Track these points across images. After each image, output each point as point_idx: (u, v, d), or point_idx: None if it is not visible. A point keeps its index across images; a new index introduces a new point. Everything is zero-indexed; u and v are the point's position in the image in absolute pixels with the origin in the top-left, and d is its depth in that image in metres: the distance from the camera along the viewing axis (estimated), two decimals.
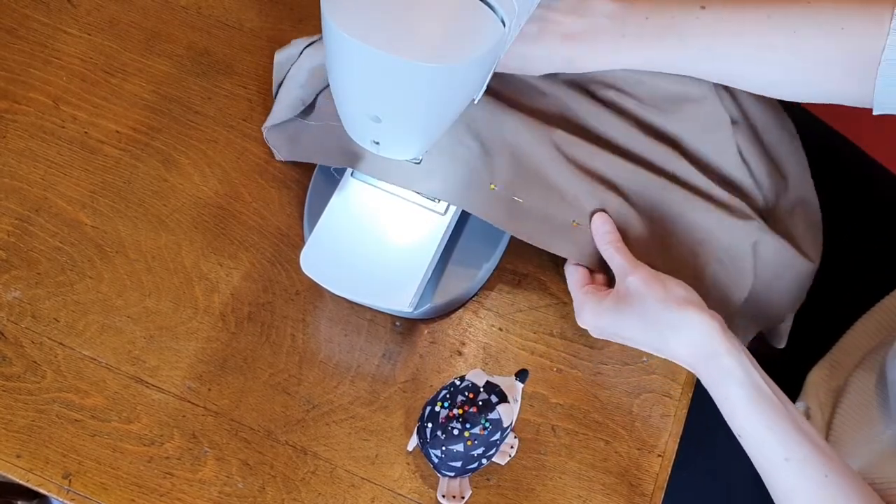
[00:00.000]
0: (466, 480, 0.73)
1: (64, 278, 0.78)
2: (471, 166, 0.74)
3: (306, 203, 0.80)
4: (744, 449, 0.66)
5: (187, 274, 0.79)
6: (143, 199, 0.81)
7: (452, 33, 0.58)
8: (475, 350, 0.78)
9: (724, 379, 0.65)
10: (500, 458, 0.74)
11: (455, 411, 0.68)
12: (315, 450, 0.74)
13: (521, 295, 0.80)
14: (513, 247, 0.80)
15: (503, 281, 0.80)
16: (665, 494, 0.75)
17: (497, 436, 0.69)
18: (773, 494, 0.65)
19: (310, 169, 0.82)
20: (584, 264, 0.74)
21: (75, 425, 0.74)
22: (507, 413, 0.69)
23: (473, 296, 0.80)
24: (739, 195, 0.76)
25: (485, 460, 0.70)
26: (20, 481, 0.72)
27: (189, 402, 0.75)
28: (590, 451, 0.76)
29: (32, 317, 0.77)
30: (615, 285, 0.70)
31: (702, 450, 0.81)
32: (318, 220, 0.76)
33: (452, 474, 0.71)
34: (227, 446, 0.74)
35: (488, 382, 0.70)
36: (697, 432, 0.78)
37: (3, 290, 0.78)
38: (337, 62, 0.61)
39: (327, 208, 0.76)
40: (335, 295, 0.76)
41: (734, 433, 0.66)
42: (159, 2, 0.89)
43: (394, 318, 0.79)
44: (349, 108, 0.66)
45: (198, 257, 0.79)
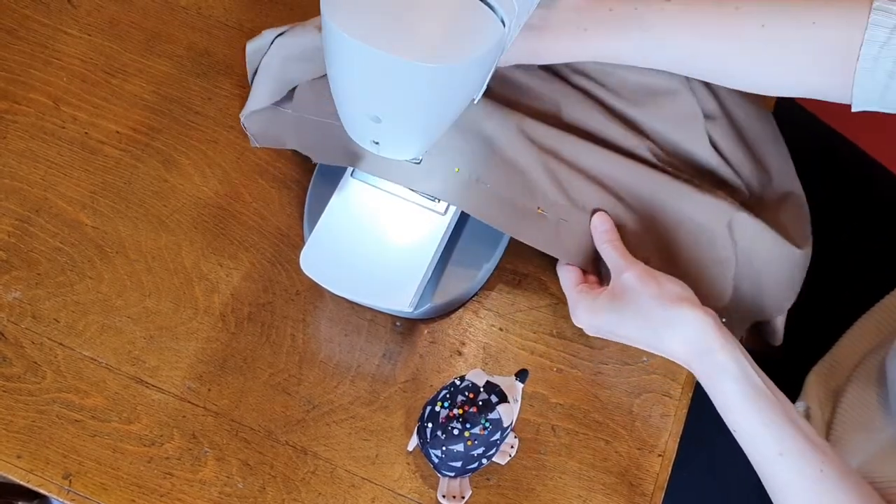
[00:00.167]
0: (466, 480, 0.73)
1: (64, 279, 0.78)
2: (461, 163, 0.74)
3: (306, 203, 0.80)
4: (739, 445, 0.66)
5: (187, 274, 0.79)
6: (144, 199, 0.81)
7: (452, 33, 0.58)
8: (475, 350, 0.78)
9: (719, 375, 0.65)
10: (500, 458, 0.74)
11: (455, 411, 0.68)
12: (315, 450, 0.74)
13: (521, 295, 0.80)
14: (513, 247, 0.80)
15: (503, 281, 0.80)
16: (665, 494, 0.75)
17: (497, 436, 0.69)
18: (768, 489, 0.65)
19: (310, 169, 0.82)
20: (574, 264, 0.74)
21: (75, 426, 0.74)
22: (507, 413, 0.69)
23: (473, 296, 0.80)
24: (715, 183, 0.76)
25: (485, 460, 0.70)
26: (20, 482, 0.72)
27: (189, 402, 0.75)
28: (590, 451, 0.76)
29: (32, 317, 0.77)
30: (610, 283, 0.70)
31: (702, 449, 0.81)
32: (317, 220, 0.76)
33: (452, 474, 0.71)
34: (227, 446, 0.74)
35: (488, 382, 0.70)
36: (697, 432, 0.78)
37: (3, 290, 0.78)
38: (337, 62, 0.61)
39: (327, 208, 0.76)
40: (335, 295, 0.76)
41: (730, 429, 0.66)
42: (160, 2, 0.89)
43: (394, 318, 0.79)
44: (349, 108, 0.66)
45: (198, 257, 0.80)
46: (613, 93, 0.77)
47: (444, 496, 0.72)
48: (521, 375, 0.71)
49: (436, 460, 0.70)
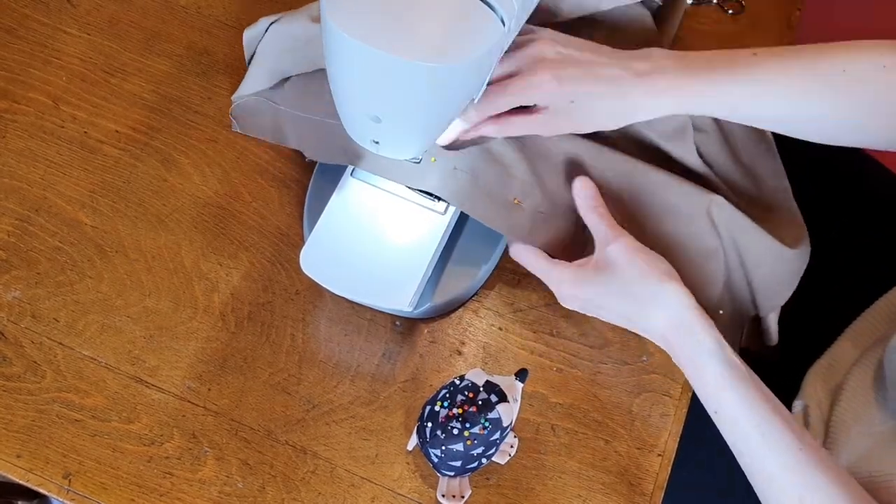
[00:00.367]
0: (466, 480, 0.73)
1: (64, 278, 0.78)
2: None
3: (306, 203, 0.80)
4: (717, 427, 0.66)
5: (187, 274, 0.79)
6: (143, 198, 0.81)
7: (452, 33, 0.58)
8: (475, 349, 0.78)
9: (700, 353, 0.65)
10: (499, 458, 0.74)
11: (455, 411, 0.68)
12: (315, 449, 0.74)
13: (521, 295, 0.80)
14: None
15: (503, 281, 0.80)
16: (665, 494, 0.75)
17: (497, 435, 0.69)
18: (746, 469, 0.65)
19: (309, 169, 0.82)
20: (552, 253, 0.74)
21: (75, 425, 0.74)
22: (506, 412, 0.69)
23: (473, 295, 0.80)
24: (703, 182, 0.76)
25: (484, 460, 0.70)
26: (20, 481, 0.72)
27: (189, 401, 0.75)
28: (589, 451, 0.76)
29: (32, 317, 0.77)
30: (595, 254, 0.70)
31: (702, 449, 0.81)
32: (317, 220, 0.76)
33: (452, 474, 0.71)
34: (226, 446, 0.74)
35: (488, 382, 0.70)
36: (697, 432, 0.78)
37: (3, 290, 0.78)
38: (337, 62, 0.61)
39: (327, 208, 0.76)
40: (335, 295, 0.76)
41: (708, 411, 0.66)
42: (159, 1, 0.89)
43: (394, 317, 0.79)
44: (349, 108, 0.66)
45: (198, 257, 0.80)
46: None
47: (443, 496, 0.72)
48: (521, 375, 0.71)
49: (435, 460, 0.70)
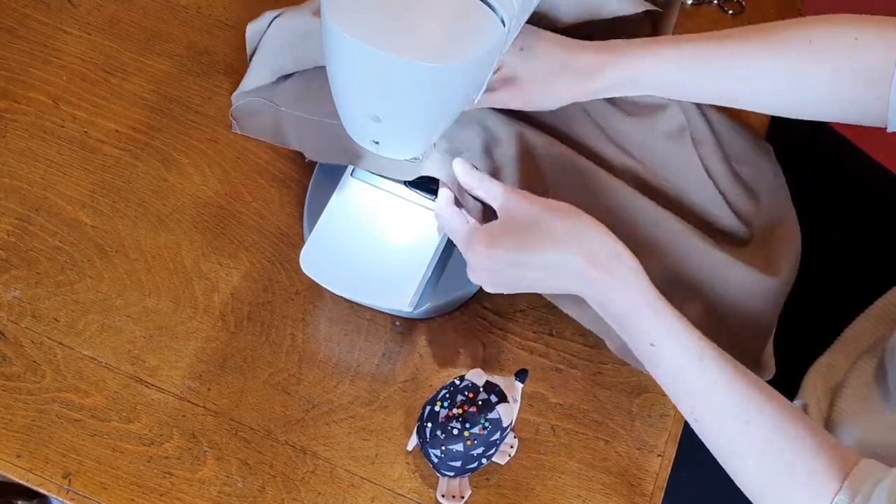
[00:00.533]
0: (466, 480, 0.73)
1: (64, 278, 0.78)
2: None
3: (306, 203, 0.80)
4: (655, 375, 0.65)
5: (187, 273, 0.79)
6: (143, 198, 0.81)
7: (452, 33, 0.58)
8: (475, 349, 0.78)
9: (628, 280, 0.64)
10: (499, 458, 0.74)
11: (455, 411, 0.68)
12: (315, 449, 0.74)
13: (521, 295, 0.80)
14: None
15: None
16: (665, 494, 0.75)
17: (497, 435, 0.69)
18: (692, 405, 0.64)
19: (309, 169, 0.82)
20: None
21: (75, 425, 0.74)
22: (506, 413, 0.69)
23: (473, 295, 0.80)
24: (704, 211, 0.77)
25: (484, 460, 0.70)
26: (20, 481, 0.72)
27: (189, 401, 0.75)
28: (589, 451, 0.76)
29: (32, 316, 0.77)
30: (499, 212, 0.68)
31: (701, 449, 0.81)
32: (317, 220, 0.76)
33: (452, 474, 0.71)
34: (226, 446, 0.74)
35: (488, 382, 0.70)
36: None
37: (2, 289, 0.78)
38: (337, 62, 0.61)
39: (327, 208, 0.76)
40: (335, 294, 0.76)
41: (640, 349, 0.65)
42: (159, 1, 0.89)
43: (394, 317, 0.79)
44: (349, 107, 0.66)
45: (198, 257, 0.80)
46: (615, 105, 0.78)
47: (443, 496, 0.72)
48: (521, 375, 0.71)
49: (435, 460, 0.70)
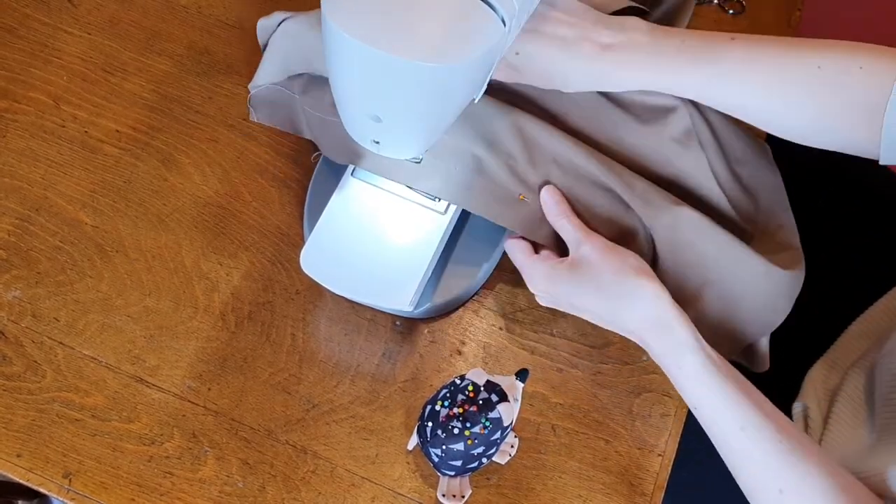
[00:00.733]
0: (466, 480, 0.73)
1: (64, 277, 0.78)
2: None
3: (306, 202, 0.80)
4: (699, 421, 0.67)
5: (187, 273, 0.79)
6: (144, 198, 0.81)
7: (452, 33, 0.58)
8: (475, 349, 0.78)
9: (678, 348, 0.66)
10: (500, 458, 0.74)
11: (455, 410, 0.68)
12: (315, 449, 0.74)
13: (522, 294, 0.80)
14: None
15: (503, 280, 0.80)
16: (665, 494, 0.75)
17: (497, 435, 0.69)
18: (728, 464, 0.66)
19: (310, 168, 0.82)
20: (529, 238, 0.75)
21: (75, 425, 0.74)
22: (507, 412, 0.69)
23: (473, 295, 0.80)
24: (703, 208, 0.76)
25: (485, 459, 0.70)
26: (20, 481, 0.72)
27: (189, 401, 0.75)
28: (590, 451, 0.76)
29: (32, 316, 0.77)
30: (570, 254, 0.71)
31: (702, 448, 0.81)
32: (318, 220, 0.76)
33: (452, 473, 0.71)
34: (227, 446, 0.74)
35: (488, 381, 0.70)
36: (697, 431, 0.78)
37: (3, 289, 0.78)
38: (337, 62, 0.61)
39: (327, 208, 0.76)
40: (335, 294, 0.76)
41: (689, 406, 0.67)
42: (160, 1, 0.89)
43: (394, 317, 0.79)
44: (349, 107, 0.66)
45: (198, 257, 0.80)
46: (621, 107, 0.77)
47: (443, 495, 0.72)
48: (522, 375, 0.72)
49: (436, 459, 0.70)
